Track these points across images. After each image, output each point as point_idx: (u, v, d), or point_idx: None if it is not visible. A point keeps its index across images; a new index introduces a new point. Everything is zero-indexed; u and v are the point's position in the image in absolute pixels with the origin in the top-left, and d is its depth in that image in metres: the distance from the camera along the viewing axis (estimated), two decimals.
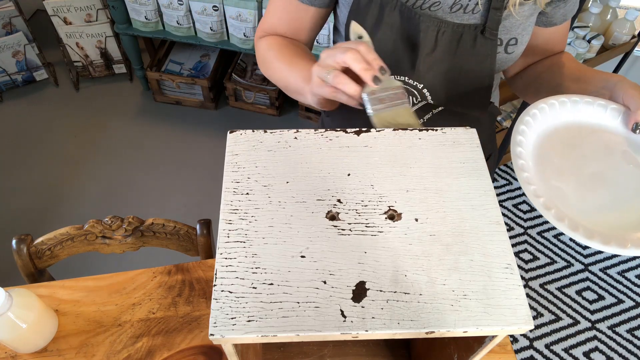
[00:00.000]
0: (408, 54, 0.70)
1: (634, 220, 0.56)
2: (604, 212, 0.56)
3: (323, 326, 0.42)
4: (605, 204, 0.57)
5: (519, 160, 0.57)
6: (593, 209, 0.56)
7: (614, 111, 0.65)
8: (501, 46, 0.70)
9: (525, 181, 0.55)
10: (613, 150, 0.63)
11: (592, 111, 0.65)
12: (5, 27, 2.14)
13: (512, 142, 0.59)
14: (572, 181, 0.59)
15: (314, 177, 0.52)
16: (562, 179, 0.59)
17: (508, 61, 0.72)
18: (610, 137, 0.64)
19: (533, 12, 0.69)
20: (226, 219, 0.49)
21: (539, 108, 0.63)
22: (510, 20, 0.68)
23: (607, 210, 0.56)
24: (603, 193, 0.58)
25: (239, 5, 1.77)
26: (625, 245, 0.51)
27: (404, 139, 0.55)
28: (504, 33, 0.69)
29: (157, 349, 0.78)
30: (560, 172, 0.59)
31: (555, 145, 0.62)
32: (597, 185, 0.59)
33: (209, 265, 0.88)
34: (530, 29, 0.71)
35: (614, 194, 0.58)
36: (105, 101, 2.29)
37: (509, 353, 0.79)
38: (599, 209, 0.56)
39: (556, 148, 0.62)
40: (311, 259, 0.46)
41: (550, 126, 0.64)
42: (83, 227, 0.94)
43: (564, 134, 0.64)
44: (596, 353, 1.63)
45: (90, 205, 1.94)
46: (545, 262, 1.83)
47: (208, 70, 2.19)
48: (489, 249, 0.47)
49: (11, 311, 0.69)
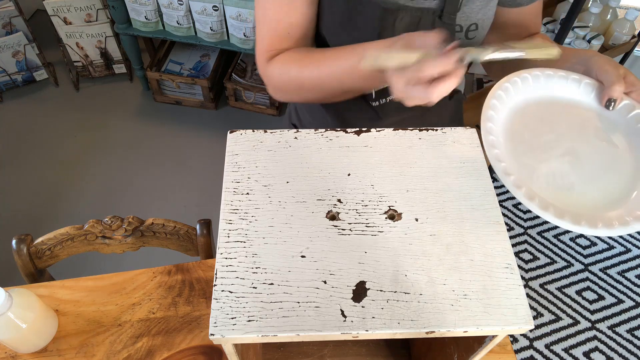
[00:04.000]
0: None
1: (606, 199, 0.54)
2: (575, 191, 0.55)
3: (323, 326, 0.42)
4: (577, 182, 0.55)
5: (489, 136, 0.55)
6: (564, 187, 0.55)
7: (588, 86, 0.63)
8: (461, 32, 0.69)
9: (495, 158, 0.53)
10: (586, 126, 0.61)
11: (566, 86, 0.63)
12: (5, 27, 2.13)
13: (483, 116, 0.57)
14: (543, 158, 0.57)
15: (314, 177, 0.52)
16: (534, 155, 0.57)
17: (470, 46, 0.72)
18: (583, 113, 0.62)
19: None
20: (226, 218, 0.49)
21: (511, 82, 0.61)
22: (469, 5, 0.67)
23: (579, 189, 0.55)
24: (575, 171, 0.56)
25: (239, 5, 1.77)
26: (596, 225, 0.50)
27: (404, 139, 0.55)
28: (464, 19, 0.68)
29: (157, 349, 0.78)
30: (532, 148, 0.58)
31: (527, 121, 0.60)
32: (569, 162, 0.57)
33: (209, 265, 0.88)
34: (491, 13, 0.70)
35: (587, 172, 0.57)
36: (105, 101, 2.29)
37: (509, 353, 0.79)
38: (570, 188, 0.55)
39: (528, 124, 0.60)
40: (311, 258, 0.46)
41: (522, 101, 0.62)
42: (83, 227, 0.94)
43: (536, 109, 0.62)
44: (596, 353, 1.62)
45: (90, 205, 1.94)
46: (545, 262, 1.83)
47: (208, 70, 2.19)
48: (489, 249, 0.47)
49: (11, 311, 0.69)
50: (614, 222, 0.51)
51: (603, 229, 0.50)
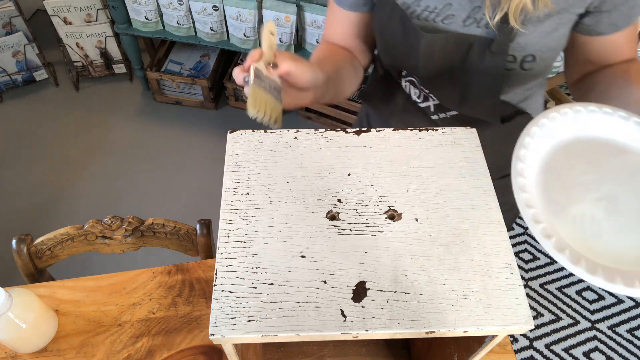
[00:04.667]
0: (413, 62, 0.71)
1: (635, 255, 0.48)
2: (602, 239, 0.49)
3: (323, 326, 0.42)
4: (608, 231, 0.50)
5: (519, 178, 0.51)
6: (591, 233, 0.50)
7: (638, 125, 0.56)
8: (515, 63, 0.67)
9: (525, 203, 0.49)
10: (635, 175, 0.54)
11: (612, 123, 0.57)
12: (5, 27, 2.13)
13: (514, 155, 0.52)
14: (577, 199, 0.52)
15: (314, 177, 0.52)
16: (567, 194, 0.52)
17: (528, 77, 0.70)
18: (630, 157, 0.56)
19: (556, 28, 0.65)
20: (226, 218, 0.49)
21: (549, 117, 0.55)
22: (525, 37, 0.64)
23: (608, 238, 0.50)
24: (609, 218, 0.51)
25: (239, 5, 1.77)
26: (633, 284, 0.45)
27: (404, 138, 0.55)
28: (519, 50, 0.66)
29: (157, 349, 0.78)
30: (567, 186, 0.53)
31: (571, 158, 0.55)
32: (605, 208, 0.51)
33: (209, 265, 0.88)
34: (556, 44, 0.67)
35: (621, 222, 0.51)
36: (105, 101, 2.29)
37: (509, 353, 0.79)
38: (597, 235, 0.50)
39: (571, 161, 0.55)
40: (311, 258, 0.46)
41: (562, 138, 0.56)
42: (83, 227, 0.94)
43: (585, 147, 0.56)
44: (596, 353, 1.62)
45: (90, 205, 1.94)
46: (545, 262, 1.83)
47: (208, 70, 2.19)
48: (489, 249, 0.47)
49: (11, 311, 0.69)
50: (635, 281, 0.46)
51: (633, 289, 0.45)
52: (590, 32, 0.68)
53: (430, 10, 0.67)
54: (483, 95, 0.71)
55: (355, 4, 0.73)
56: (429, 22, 0.68)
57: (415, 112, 0.82)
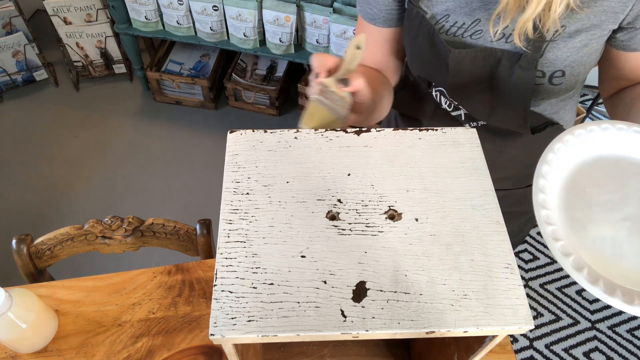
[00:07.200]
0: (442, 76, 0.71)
1: None
2: (623, 261, 0.48)
3: (323, 326, 0.42)
4: (629, 253, 0.49)
5: (540, 195, 0.50)
6: (612, 254, 0.49)
7: None
8: (544, 78, 0.67)
9: (544, 220, 0.49)
10: None
11: None
12: (5, 27, 2.13)
13: (537, 171, 0.51)
14: (598, 218, 0.51)
15: (314, 177, 0.52)
16: (589, 212, 0.51)
17: (557, 91, 0.69)
18: None
19: (587, 43, 0.64)
20: (226, 218, 0.49)
21: (575, 134, 0.54)
22: (555, 52, 0.64)
23: (629, 260, 0.48)
24: (631, 239, 0.50)
25: (239, 5, 1.77)
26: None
27: (404, 138, 0.55)
28: (547, 65, 0.65)
29: (157, 349, 0.78)
30: (589, 204, 0.52)
31: (595, 176, 0.54)
32: (628, 229, 0.50)
33: (209, 265, 0.88)
34: (587, 59, 0.66)
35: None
36: (105, 101, 2.29)
37: (509, 353, 0.79)
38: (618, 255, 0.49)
39: (595, 179, 0.54)
40: (311, 258, 0.46)
41: (587, 156, 0.55)
42: (83, 227, 0.94)
43: (602, 166, 0.54)
44: (596, 353, 1.62)
45: (90, 205, 1.94)
46: (545, 262, 1.83)
47: (208, 70, 2.19)
48: (489, 249, 0.47)
49: (11, 311, 0.69)
50: None
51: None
52: (625, 47, 0.67)
53: (458, 25, 0.67)
54: (512, 108, 0.71)
55: (388, 19, 0.73)
56: (457, 38, 0.68)
57: (443, 118, 0.82)
